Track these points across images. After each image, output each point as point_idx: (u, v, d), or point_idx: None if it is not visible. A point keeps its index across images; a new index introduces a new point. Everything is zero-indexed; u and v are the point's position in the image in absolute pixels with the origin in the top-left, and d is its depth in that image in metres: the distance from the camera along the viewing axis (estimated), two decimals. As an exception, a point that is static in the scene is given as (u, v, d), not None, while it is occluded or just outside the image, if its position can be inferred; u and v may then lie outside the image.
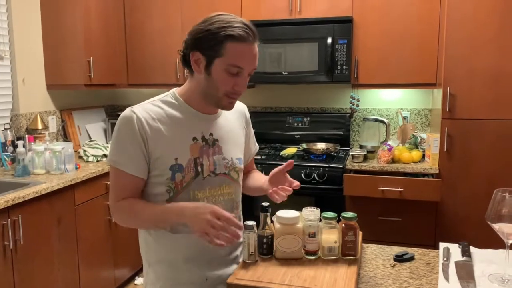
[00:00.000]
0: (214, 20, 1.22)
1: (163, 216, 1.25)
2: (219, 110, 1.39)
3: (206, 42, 1.21)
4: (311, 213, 1.31)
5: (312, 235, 1.29)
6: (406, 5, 2.97)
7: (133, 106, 1.28)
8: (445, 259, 1.35)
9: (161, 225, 1.29)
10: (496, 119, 2.66)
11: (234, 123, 1.44)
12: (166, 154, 1.26)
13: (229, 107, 1.31)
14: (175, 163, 1.27)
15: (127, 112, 1.27)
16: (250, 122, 1.54)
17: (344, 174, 2.85)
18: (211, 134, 1.34)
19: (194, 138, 1.31)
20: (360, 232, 1.38)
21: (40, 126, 3.09)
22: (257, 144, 1.60)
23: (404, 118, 3.32)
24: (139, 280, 3.24)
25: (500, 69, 2.63)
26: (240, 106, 1.51)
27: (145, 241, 1.37)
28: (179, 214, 1.22)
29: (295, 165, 2.91)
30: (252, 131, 1.55)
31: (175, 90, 1.36)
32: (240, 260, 1.41)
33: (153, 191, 1.30)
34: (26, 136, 2.88)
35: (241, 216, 1.49)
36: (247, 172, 1.56)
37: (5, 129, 2.93)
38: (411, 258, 1.40)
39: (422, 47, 2.97)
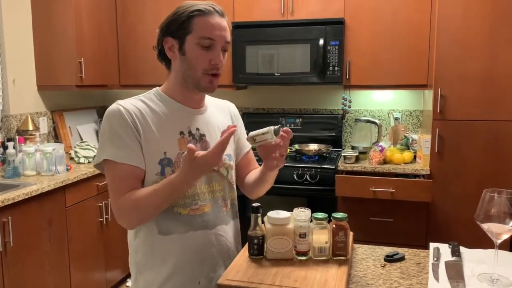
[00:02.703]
0: (180, 6, 1.29)
1: (171, 193, 1.20)
2: (204, 105, 1.39)
3: (175, 24, 1.26)
4: (302, 214, 1.31)
5: (303, 235, 1.29)
6: (397, 7, 2.99)
7: (118, 101, 1.28)
8: (435, 259, 1.35)
9: (170, 201, 1.24)
10: (486, 120, 2.69)
11: (220, 119, 1.43)
12: (155, 148, 1.25)
13: (210, 87, 1.29)
14: (164, 157, 1.26)
15: (114, 106, 1.26)
16: (240, 119, 1.53)
17: (336, 175, 2.85)
18: (197, 129, 1.34)
19: (181, 133, 1.30)
20: (351, 233, 1.38)
21: (30, 127, 3.07)
22: None
23: (396, 119, 3.34)
24: (130, 283, 3.23)
25: (490, 70, 2.65)
26: (226, 104, 1.51)
27: (135, 245, 1.34)
28: (185, 184, 1.19)
29: (287, 166, 2.94)
30: (244, 128, 1.53)
31: (158, 88, 1.36)
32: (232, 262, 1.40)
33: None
34: (17, 137, 2.86)
35: (237, 214, 1.47)
36: (248, 172, 1.50)
37: (-5, 130, 2.91)
38: (402, 258, 1.40)
39: (413, 49, 2.99)
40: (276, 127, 1.20)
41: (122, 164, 1.22)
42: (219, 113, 1.45)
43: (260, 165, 1.40)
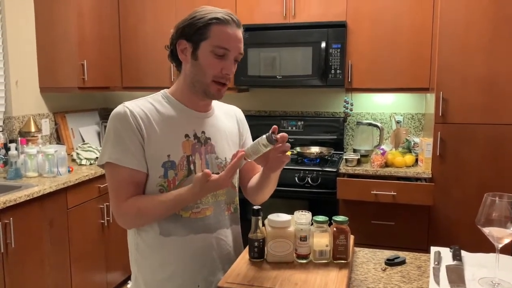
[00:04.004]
0: (198, 11, 1.28)
1: (176, 206, 1.25)
2: (211, 109, 1.39)
3: (192, 28, 1.25)
4: (302, 217, 1.31)
5: (304, 238, 1.29)
6: (400, 10, 2.99)
7: (125, 102, 1.28)
8: (436, 263, 1.35)
9: (173, 212, 1.28)
10: (488, 123, 2.68)
11: (226, 123, 1.43)
12: (159, 150, 1.26)
13: (218, 95, 1.30)
14: (167, 160, 1.26)
15: (120, 108, 1.27)
16: (246, 124, 1.53)
17: (337, 178, 2.85)
18: (203, 132, 1.34)
19: (186, 135, 1.30)
20: (352, 236, 1.38)
21: (33, 129, 3.07)
22: None
23: (398, 122, 3.33)
24: (131, 282, 3.22)
25: (492, 74, 2.65)
26: (232, 109, 1.51)
27: (135, 245, 1.35)
28: (192, 201, 1.25)
29: (289, 168, 2.94)
30: (249, 133, 1.54)
31: (166, 90, 1.37)
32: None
33: (146, 191, 1.28)
34: (19, 138, 2.86)
35: (239, 218, 1.47)
36: (252, 176, 1.48)
37: (-3, 131, 2.91)
38: (403, 262, 1.40)
39: (415, 52, 2.99)
40: (267, 135, 1.17)
41: (123, 167, 1.23)
42: (226, 117, 1.45)
43: None
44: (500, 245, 1.18)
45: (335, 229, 1.30)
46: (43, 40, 3.22)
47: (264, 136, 1.18)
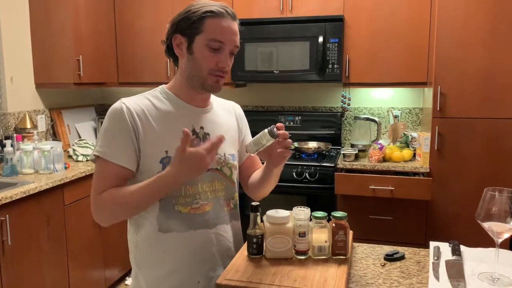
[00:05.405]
0: (193, 4, 1.27)
1: (155, 192, 1.20)
2: (210, 104, 1.38)
3: (186, 22, 1.25)
4: (301, 213, 1.30)
5: (302, 234, 1.28)
6: (397, 4, 2.98)
7: (122, 98, 1.28)
8: (435, 258, 1.34)
9: (153, 201, 1.23)
10: (486, 118, 2.68)
11: (225, 119, 1.42)
12: (157, 146, 1.25)
13: (216, 87, 1.29)
14: (165, 156, 1.25)
15: (117, 104, 1.26)
16: (245, 120, 1.52)
17: (335, 173, 2.84)
18: (201, 128, 1.33)
19: None
20: (351, 232, 1.37)
21: (28, 125, 3.05)
22: None
23: (395, 117, 3.33)
24: (129, 281, 3.22)
25: (490, 68, 2.64)
26: (231, 104, 1.51)
27: (135, 242, 1.34)
28: (174, 180, 1.17)
29: (286, 164, 2.91)
30: (248, 129, 1.53)
31: (164, 86, 1.36)
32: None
33: None
34: (14, 135, 2.84)
35: (239, 215, 1.46)
36: (253, 172, 1.48)
37: (-8, 128, 2.89)
38: (402, 257, 1.39)
39: (413, 46, 2.98)
40: (269, 129, 1.19)
41: (112, 163, 1.23)
42: (225, 113, 1.44)
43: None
44: (500, 240, 1.18)
45: (334, 224, 1.29)
46: (38, 35, 3.19)
47: (265, 130, 1.19)
